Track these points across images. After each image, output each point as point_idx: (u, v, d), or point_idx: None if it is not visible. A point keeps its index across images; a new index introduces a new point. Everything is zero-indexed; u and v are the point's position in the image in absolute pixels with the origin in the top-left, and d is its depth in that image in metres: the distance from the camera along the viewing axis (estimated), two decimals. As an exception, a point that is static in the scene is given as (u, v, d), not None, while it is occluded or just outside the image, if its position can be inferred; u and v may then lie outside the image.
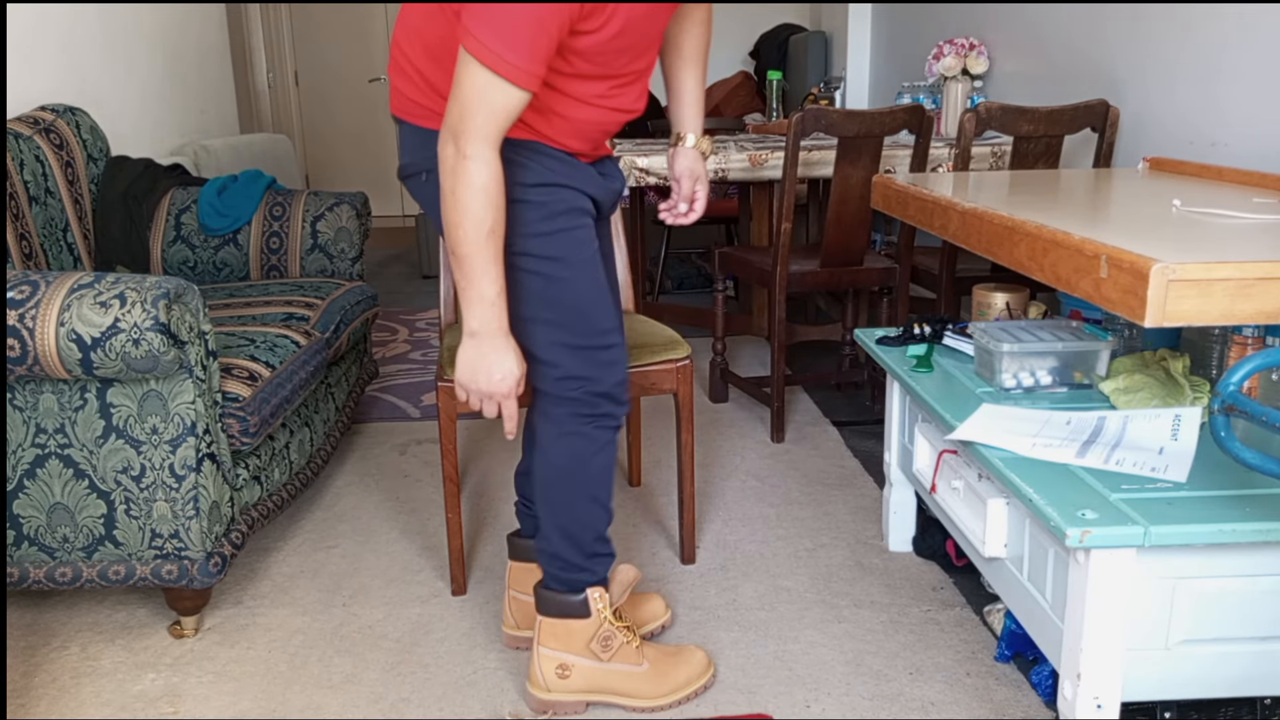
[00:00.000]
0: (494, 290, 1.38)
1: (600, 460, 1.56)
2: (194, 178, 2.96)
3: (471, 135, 1.30)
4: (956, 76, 3.35)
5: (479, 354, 1.41)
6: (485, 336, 1.40)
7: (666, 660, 1.63)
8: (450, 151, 1.32)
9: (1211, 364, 1.68)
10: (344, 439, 2.79)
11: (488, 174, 1.32)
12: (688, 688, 1.61)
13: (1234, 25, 2.11)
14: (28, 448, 1.70)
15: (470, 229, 1.33)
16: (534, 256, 1.46)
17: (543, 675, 1.59)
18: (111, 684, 1.69)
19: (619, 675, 1.60)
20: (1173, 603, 1.32)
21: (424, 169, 1.50)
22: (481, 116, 1.29)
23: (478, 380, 1.43)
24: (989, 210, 1.53)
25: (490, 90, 1.28)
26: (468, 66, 1.28)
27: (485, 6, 1.25)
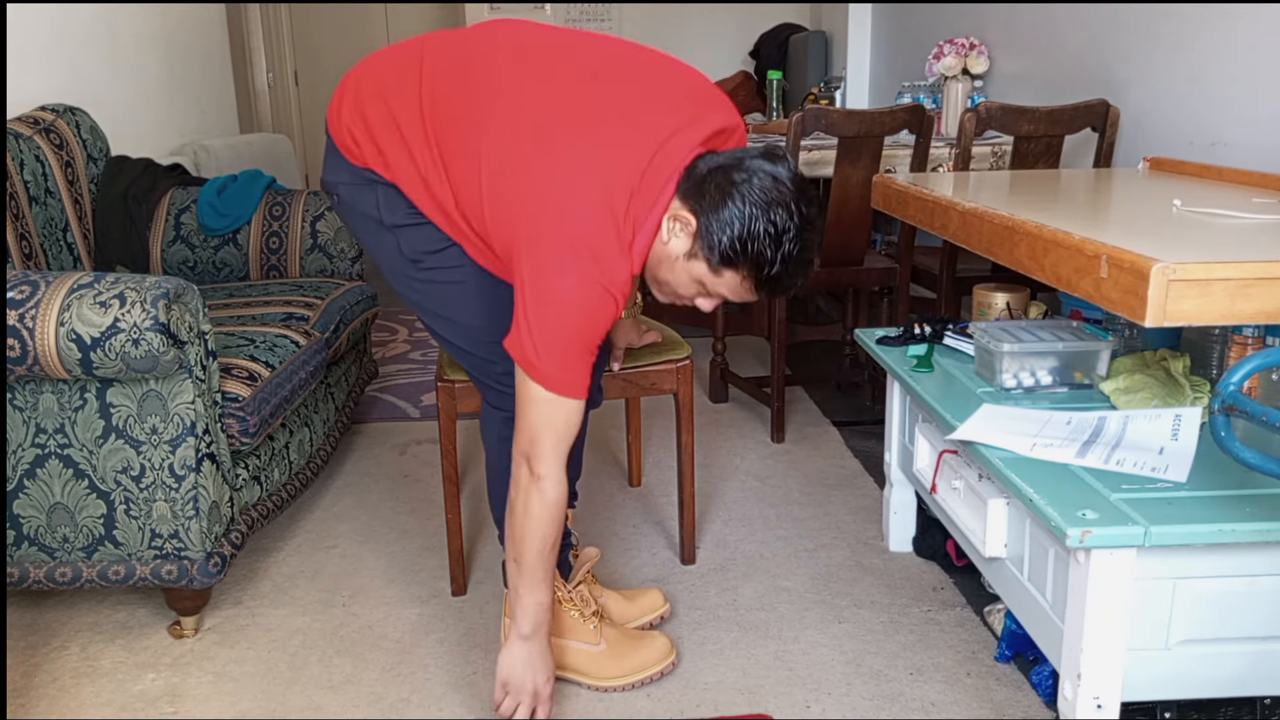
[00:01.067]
0: (549, 599, 1.50)
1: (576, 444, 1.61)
2: (194, 178, 2.95)
3: (543, 458, 1.40)
4: (957, 76, 3.35)
5: (530, 655, 1.50)
6: (537, 639, 1.50)
7: (626, 642, 1.67)
8: (524, 473, 1.42)
9: (1211, 364, 1.68)
10: (344, 439, 2.79)
11: (558, 492, 1.42)
12: (643, 671, 1.65)
13: (1234, 25, 2.11)
14: (28, 448, 1.70)
15: (538, 542, 1.44)
16: (446, 268, 1.52)
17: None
18: (111, 684, 1.69)
19: (573, 652, 1.65)
20: (1173, 603, 1.32)
21: (335, 191, 1.56)
22: (552, 438, 1.40)
23: (526, 681, 1.51)
24: (989, 210, 1.53)
25: (558, 411, 1.38)
26: (533, 394, 1.38)
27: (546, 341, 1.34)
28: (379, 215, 1.51)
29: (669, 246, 1.37)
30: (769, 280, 1.36)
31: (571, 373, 1.37)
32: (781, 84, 4.40)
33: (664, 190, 1.35)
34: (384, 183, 1.49)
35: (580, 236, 1.31)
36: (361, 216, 1.53)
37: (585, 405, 1.42)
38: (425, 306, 1.58)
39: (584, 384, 1.39)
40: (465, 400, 1.85)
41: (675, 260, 1.38)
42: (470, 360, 1.62)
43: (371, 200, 1.51)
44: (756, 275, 1.35)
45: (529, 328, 1.34)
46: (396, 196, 1.49)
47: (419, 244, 1.51)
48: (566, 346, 1.35)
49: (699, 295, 1.43)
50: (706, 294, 1.42)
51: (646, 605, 1.82)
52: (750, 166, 1.33)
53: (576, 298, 1.32)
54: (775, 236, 1.32)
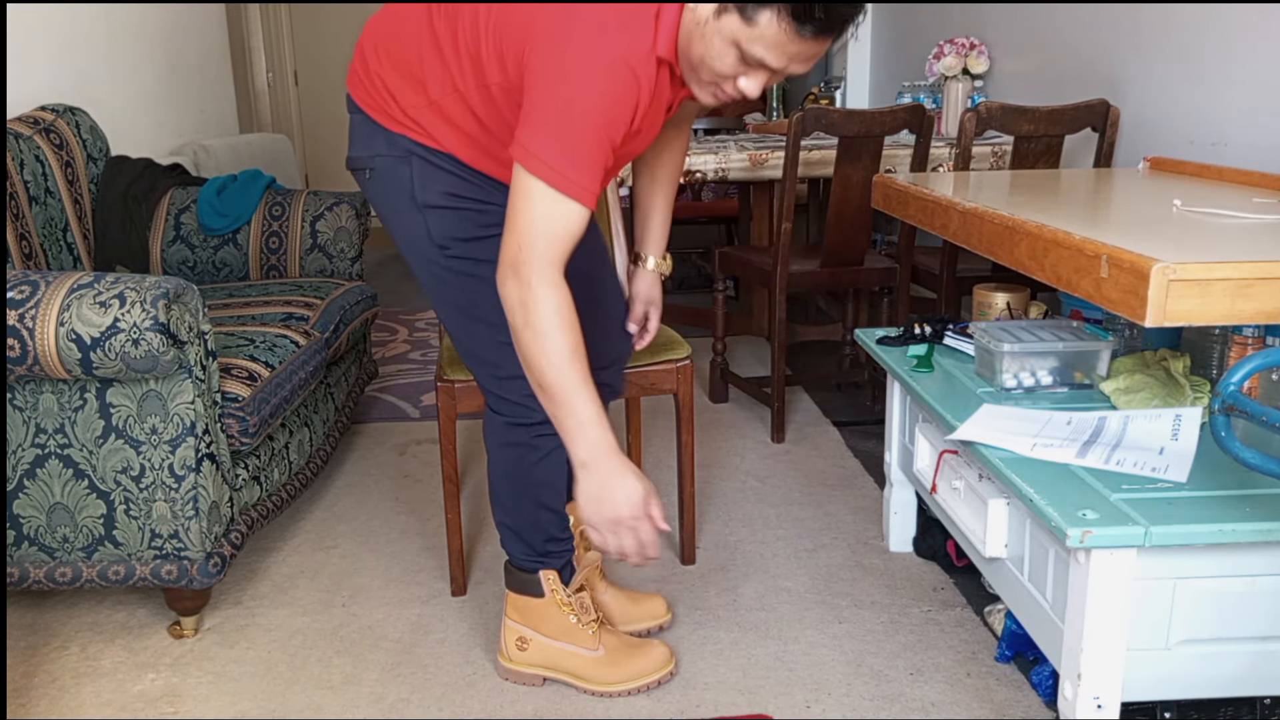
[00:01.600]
0: (591, 412, 1.30)
1: (543, 469, 1.58)
2: (193, 178, 2.96)
3: (535, 263, 1.25)
4: (957, 76, 3.35)
5: (597, 484, 1.33)
6: (598, 462, 1.32)
7: (625, 650, 1.65)
8: (513, 288, 1.27)
9: (1212, 364, 1.68)
10: (344, 439, 2.79)
11: (559, 297, 1.26)
12: (641, 679, 1.63)
13: (1234, 25, 2.11)
14: (28, 448, 1.70)
15: (554, 356, 1.27)
16: (473, 259, 1.47)
17: (506, 645, 1.67)
18: (111, 684, 1.69)
19: (570, 656, 1.64)
20: (1173, 603, 1.32)
21: (368, 165, 1.49)
22: (544, 242, 1.25)
23: (604, 511, 1.33)
24: (989, 210, 1.53)
25: (554, 211, 1.24)
26: (529, 189, 1.24)
27: (550, 126, 1.21)
28: (412, 191, 1.44)
29: (697, 12, 1.23)
30: (808, 10, 1.17)
31: (577, 167, 1.22)
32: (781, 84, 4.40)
33: None
34: (420, 153, 1.43)
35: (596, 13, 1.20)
36: (394, 193, 1.46)
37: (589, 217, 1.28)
38: (445, 296, 1.52)
39: (591, 187, 1.25)
40: (465, 400, 1.85)
41: (706, 25, 1.23)
42: (477, 361, 1.57)
43: (406, 175, 1.44)
44: (792, 6, 1.17)
45: (536, 113, 1.22)
46: (432, 172, 1.43)
47: (450, 229, 1.45)
48: (578, 133, 1.21)
49: (739, 69, 1.25)
50: (745, 64, 1.24)
51: (648, 611, 1.81)
52: None
53: (591, 72, 1.20)
54: None
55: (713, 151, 2.84)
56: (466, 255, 1.47)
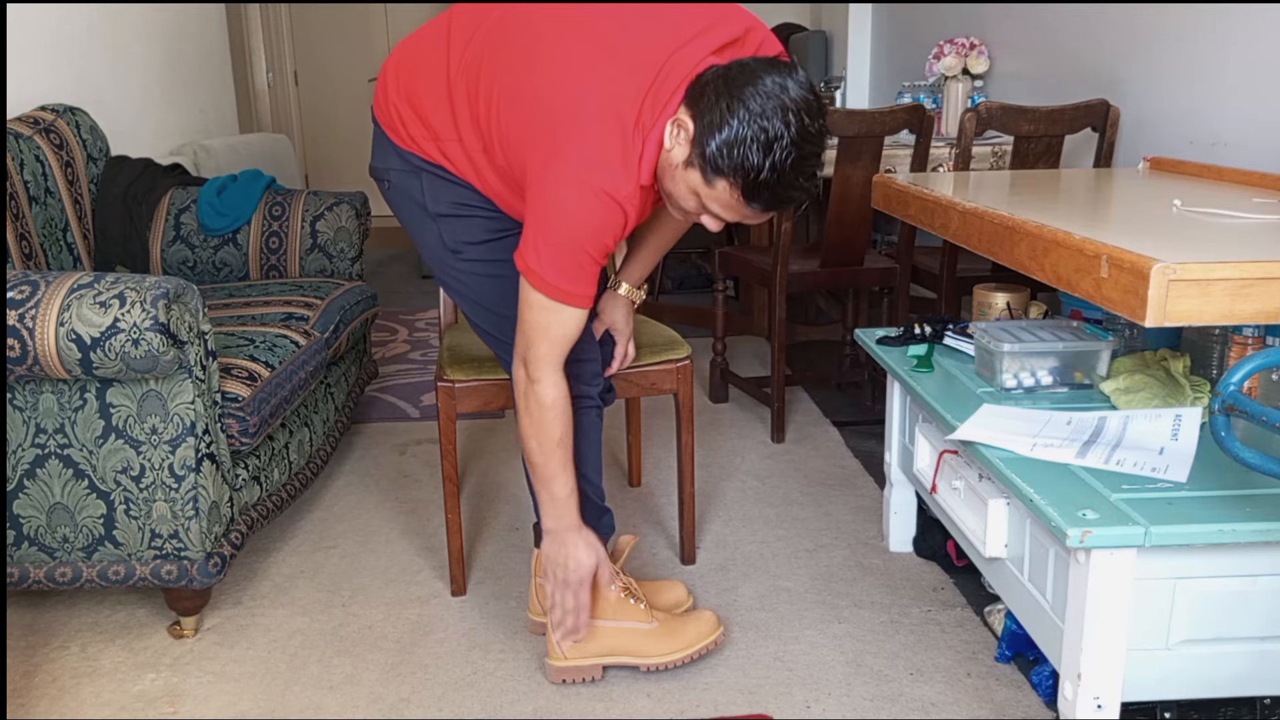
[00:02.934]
0: (565, 492, 1.54)
1: (583, 443, 1.64)
2: (194, 178, 2.95)
3: (539, 362, 1.45)
4: (957, 76, 3.35)
5: (558, 549, 1.57)
6: (562, 533, 1.56)
7: (674, 620, 1.69)
8: (521, 375, 1.47)
9: (1212, 364, 1.68)
10: (344, 439, 2.79)
11: (555, 394, 1.47)
12: (698, 643, 1.67)
13: (1234, 25, 2.11)
14: (28, 448, 1.70)
15: (544, 441, 1.49)
16: (486, 261, 1.57)
17: (559, 644, 1.65)
18: (111, 684, 1.69)
19: (629, 634, 1.66)
20: (1173, 603, 1.32)
21: (385, 177, 1.60)
22: (546, 344, 1.44)
23: (556, 571, 1.57)
24: (989, 210, 1.53)
25: (554, 318, 1.41)
26: (533, 300, 1.41)
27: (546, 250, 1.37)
28: (424, 202, 1.56)
29: (671, 154, 1.36)
30: (757, 190, 1.31)
31: (571, 281, 1.39)
32: (781, 84, 4.39)
33: (672, 98, 1.34)
34: (429, 169, 1.54)
35: (587, 144, 1.32)
36: (409, 203, 1.58)
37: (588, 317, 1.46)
38: (463, 294, 1.64)
39: (585, 294, 1.41)
40: (465, 400, 1.85)
41: (676, 169, 1.36)
42: (506, 347, 1.64)
43: (418, 187, 1.56)
44: (744, 184, 1.31)
45: (533, 235, 1.37)
46: (441, 185, 1.54)
47: (461, 235, 1.57)
48: (569, 254, 1.37)
49: (699, 209, 1.40)
50: (704, 208, 1.39)
51: (673, 599, 1.82)
52: (755, 72, 1.30)
53: (579, 204, 1.34)
54: (766, 144, 1.27)
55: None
56: (479, 258, 1.58)
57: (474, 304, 1.64)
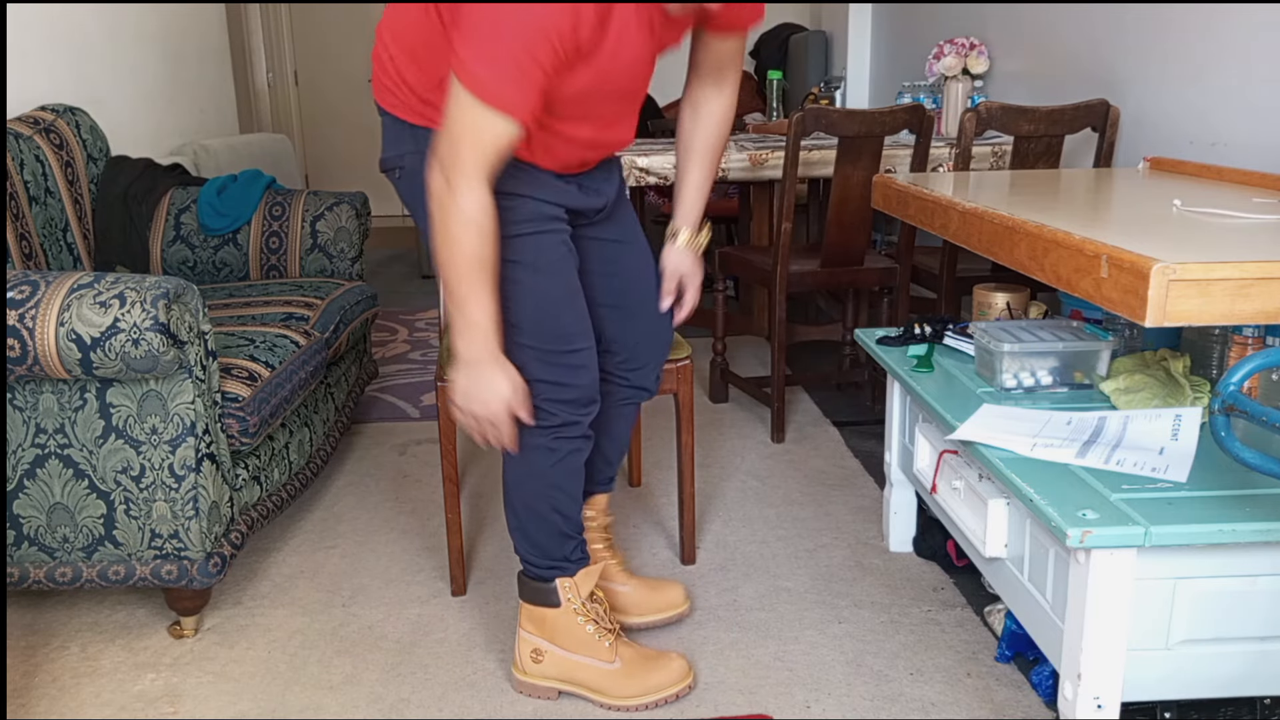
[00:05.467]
0: (484, 317, 1.39)
1: (559, 471, 1.57)
2: (194, 178, 2.95)
3: (460, 169, 1.30)
4: (957, 76, 3.35)
5: (470, 380, 1.43)
6: (477, 364, 1.42)
7: (642, 662, 1.62)
8: (439, 184, 1.32)
9: (1212, 364, 1.68)
10: (344, 439, 2.79)
11: (476, 207, 1.32)
12: (659, 693, 1.60)
13: (1234, 25, 2.11)
14: (28, 448, 1.70)
15: (459, 260, 1.34)
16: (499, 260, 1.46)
17: (520, 657, 1.64)
18: (111, 684, 1.69)
19: (587, 669, 1.61)
20: (1173, 603, 1.32)
21: (398, 165, 1.51)
22: (471, 150, 1.29)
23: (472, 405, 1.45)
24: (989, 210, 1.53)
25: (481, 122, 1.27)
26: (458, 97, 1.28)
27: (478, 37, 1.24)
28: None
29: None
30: None
31: (506, 80, 1.24)
32: (781, 84, 4.40)
33: None
34: None
35: None
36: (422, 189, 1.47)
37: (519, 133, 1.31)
38: None
39: (520, 104, 1.27)
40: (465, 400, 1.85)
41: None
42: None
43: None
44: None
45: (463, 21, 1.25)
46: None
47: None
48: (505, 46, 1.23)
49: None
50: None
51: (668, 600, 1.80)
52: None
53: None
54: None
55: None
56: None
57: None
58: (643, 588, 1.80)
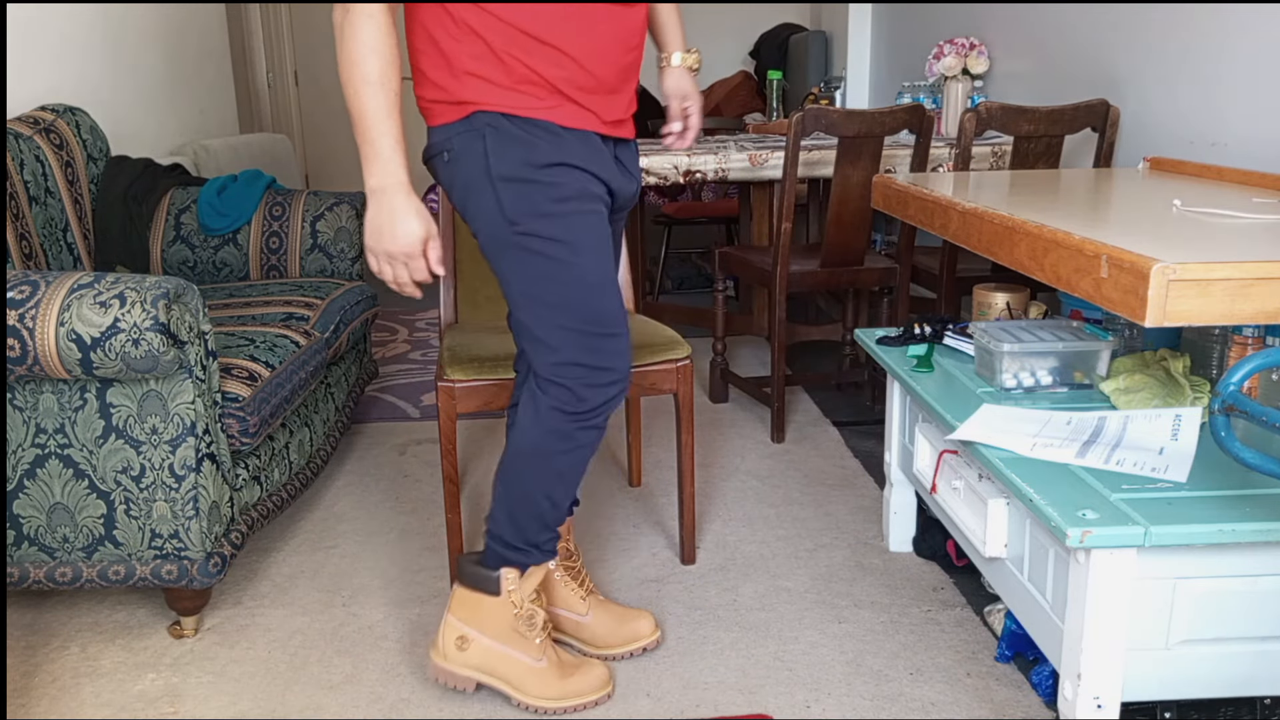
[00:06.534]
0: (389, 144, 1.38)
1: (567, 460, 1.55)
2: (194, 178, 2.96)
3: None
4: (957, 76, 3.35)
5: (380, 212, 1.41)
6: (385, 193, 1.40)
7: (567, 666, 1.61)
8: (339, 15, 1.36)
9: (1211, 364, 1.68)
10: (344, 439, 2.79)
11: (376, 34, 1.35)
12: (577, 698, 1.59)
13: (1234, 25, 2.11)
14: (28, 448, 1.70)
15: (359, 82, 1.36)
16: (541, 237, 1.45)
17: (443, 642, 1.61)
18: (111, 684, 1.69)
19: (511, 663, 1.60)
20: (1173, 603, 1.32)
21: (445, 148, 1.50)
22: None
23: (382, 241, 1.42)
24: (989, 210, 1.53)
25: None
26: None
27: None
28: (487, 165, 1.45)
29: None
30: None
31: None
32: (781, 84, 4.40)
33: None
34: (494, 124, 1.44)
35: None
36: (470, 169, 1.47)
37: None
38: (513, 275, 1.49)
39: None
40: (465, 400, 1.85)
41: None
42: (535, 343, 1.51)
43: (480, 150, 1.45)
44: None
45: None
46: (507, 143, 1.44)
47: (520, 203, 1.45)
48: None
49: None
50: None
51: (631, 633, 1.74)
52: None
53: None
54: None
55: (712, 152, 2.84)
56: (534, 232, 1.46)
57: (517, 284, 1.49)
58: (608, 619, 1.74)
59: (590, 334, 1.48)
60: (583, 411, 1.51)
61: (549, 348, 1.49)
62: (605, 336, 1.49)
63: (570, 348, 1.48)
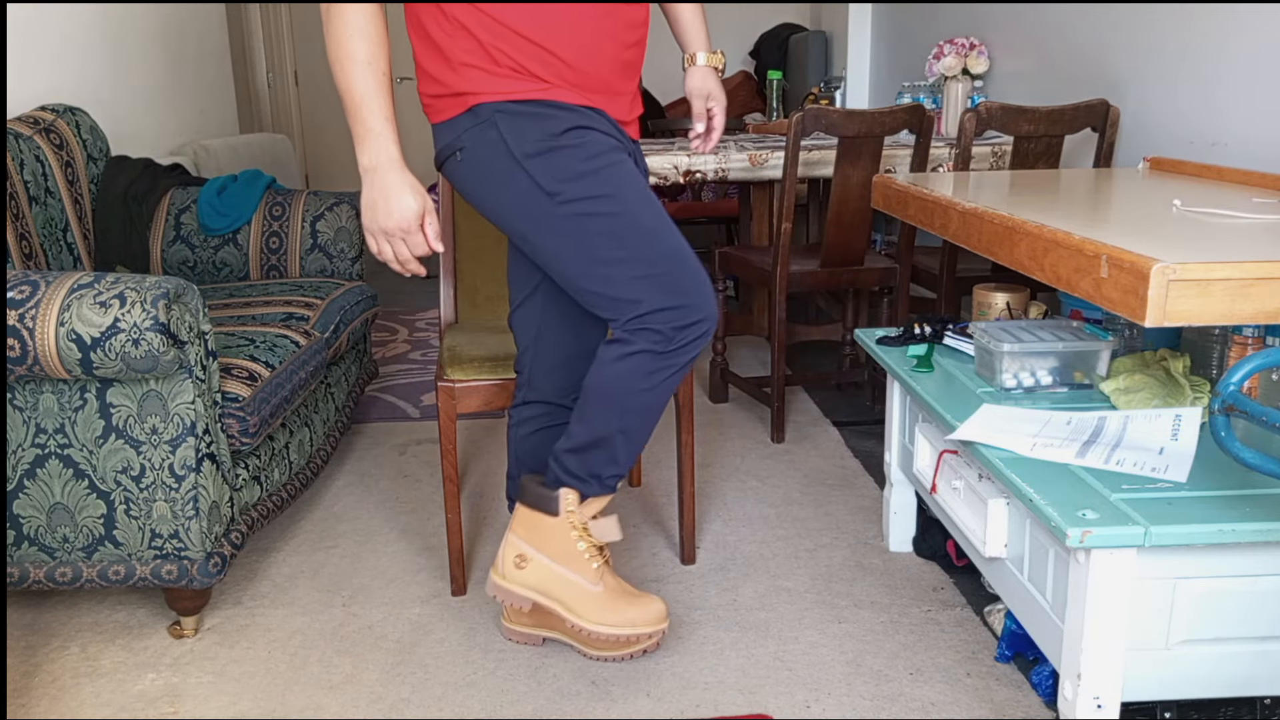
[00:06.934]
0: (380, 121, 1.39)
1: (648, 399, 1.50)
2: (194, 178, 2.96)
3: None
4: (957, 76, 3.35)
5: (374, 189, 1.41)
6: (379, 171, 1.40)
7: (623, 595, 1.60)
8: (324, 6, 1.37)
9: (1211, 364, 1.68)
10: (344, 439, 2.79)
11: (363, 18, 1.37)
12: (634, 628, 1.57)
13: (1234, 25, 2.11)
14: (28, 448, 1.70)
15: (346, 60, 1.37)
16: (586, 199, 1.43)
17: (503, 561, 1.60)
18: (111, 684, 1.69)
19: (567, 584, 1.58)
20: (1173, 603, 1.32)
21: (457, 147, 1.49)
22: None
23: (378, 218, 1.42)
24: (989, 210, 1.53)
25: None
26: None
27: None
28: (509, 149, 1.43)
29: None
30: None
31: None
32: (781, 84, 4.40)
33: None
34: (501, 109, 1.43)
35: None
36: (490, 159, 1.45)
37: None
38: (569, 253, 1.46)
39: None
40: (465, 400, 1.85)
41: None
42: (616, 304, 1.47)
43: (496, 137, 1.44)
44: None
45: None
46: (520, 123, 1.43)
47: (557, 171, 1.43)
48: None
49: None
50: None
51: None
52: None
53: None
54: None
55: (713, 152, 2.84)
56: (579, 195, 1.43)
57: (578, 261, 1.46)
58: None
59: (666, 275, 1.44)
60: (670, 350, 1.47)
61: (631, 302, 1.45)
62: (681, 274, 1.45)
63: (654, 294, 1.43)
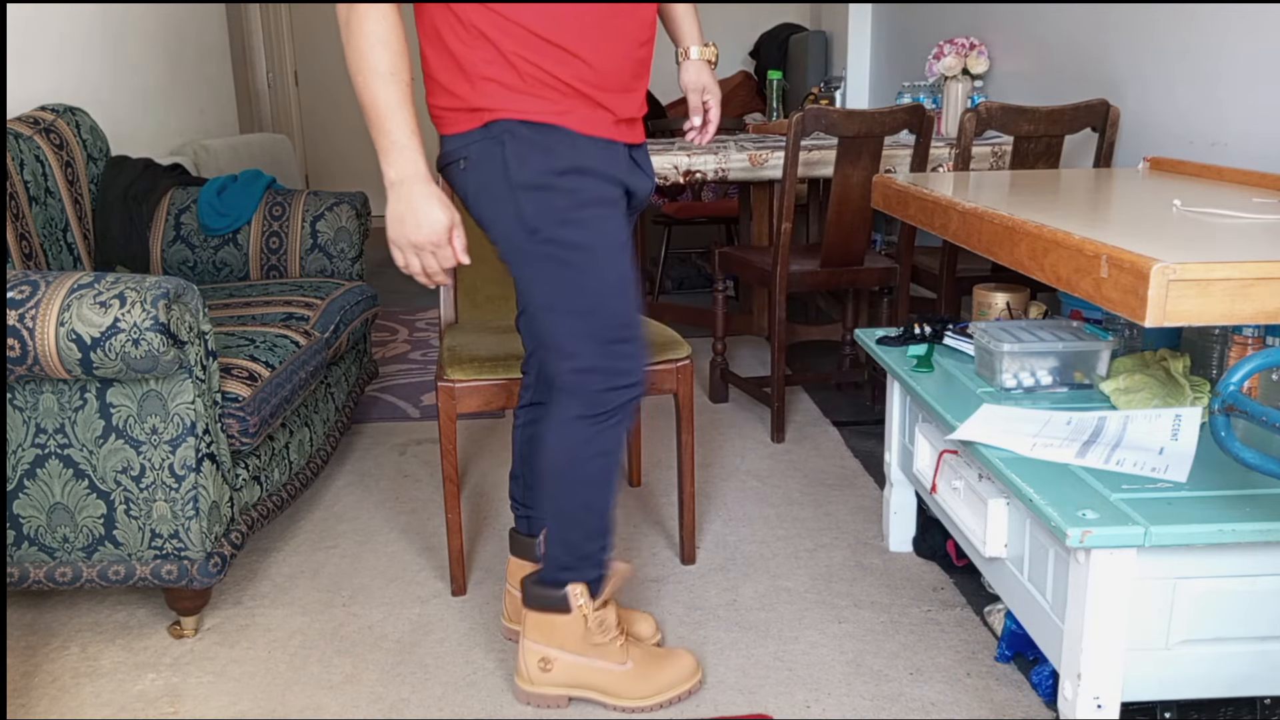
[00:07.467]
0: (405, 134, 1.38)
1: (595, 466, 1.53)
2: (194, 178, 2.96)
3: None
4: (957, 76, 3.35)
5: (402, 203, 1.40)
6: (406, 184, 1.39)
7: (652, 661, 1.62)
8: (344, 12, 1.37)
9: (1211, 364, 1.68)
10: (344, 439, 2.79)
11: (383, 26, 1.36)
12: (671, 690, 1.60)
13: (1234, 25, 2.11)
14: (28, 448, 1.70)
15: (368, 74, 1.37)
16: (562, 244, 1.44)
17: (527, 668, 1.61)
18: (111, 684, 1.69)
19: (600, 672, 1.59)
20: (1173, 603, 1.32)
21: (462, 155, 1.49)
22: None
23: (406, 232, 1.41)
24: (989, 210, 1.53)
25: None
26: None
27: None
28: (507, 172, 1.44)
29: None
30: None
31: None
32: (781, 84, 4.40)
33: None
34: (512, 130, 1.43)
35: None
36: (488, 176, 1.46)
37: None
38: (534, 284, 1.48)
39: None
40: (465, 400, 1.85)
41: None
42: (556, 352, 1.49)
43: (499, 156, 1.44)
44: None
45: None
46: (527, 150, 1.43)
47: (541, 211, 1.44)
48: None
49: None
50: None
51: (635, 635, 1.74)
52: None
53: None
54: None
55: (713, 152, 2.84)
56: (554, 238, 1.44)
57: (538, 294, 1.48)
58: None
59: (608, 340, 1.47)
60: (601, 413, 1.50)
61: (566, 354, 1.48)
62: (622, 341, 1.48)
63: (588, 354, 1.47)
